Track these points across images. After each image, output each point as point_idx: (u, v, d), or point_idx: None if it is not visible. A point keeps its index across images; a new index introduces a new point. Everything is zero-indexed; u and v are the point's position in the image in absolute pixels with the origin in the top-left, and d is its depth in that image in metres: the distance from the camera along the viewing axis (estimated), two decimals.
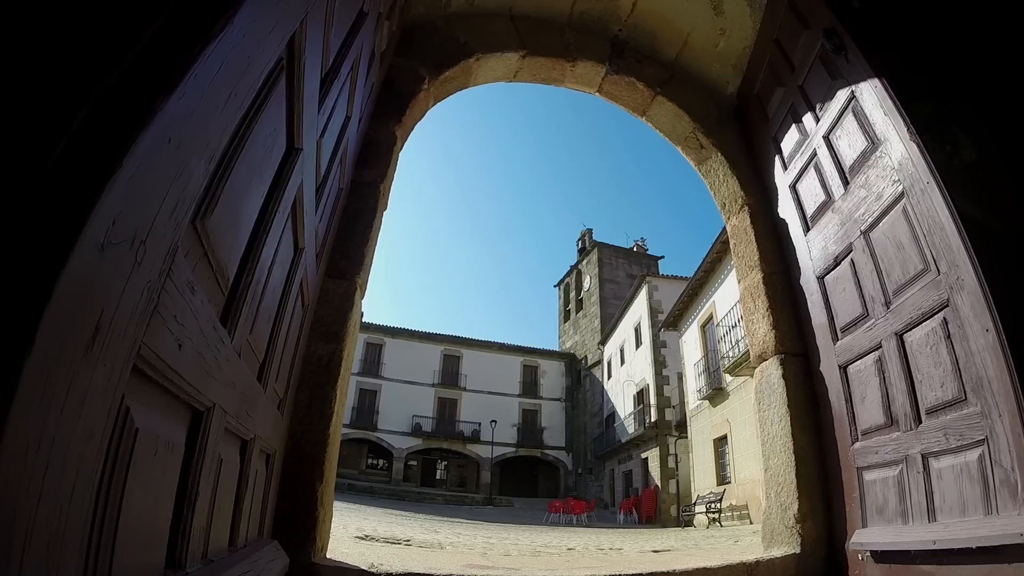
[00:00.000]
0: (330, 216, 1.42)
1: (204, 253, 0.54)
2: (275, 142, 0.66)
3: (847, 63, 1.86)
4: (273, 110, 0.62)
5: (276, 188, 0.73)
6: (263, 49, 0.53)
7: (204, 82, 0.41)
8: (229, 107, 0.48)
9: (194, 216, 0.49)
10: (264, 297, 0.78)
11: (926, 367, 1.63)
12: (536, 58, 2.80)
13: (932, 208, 1.52)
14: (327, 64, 0.87)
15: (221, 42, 0.42)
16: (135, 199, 0.37)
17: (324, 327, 1.59)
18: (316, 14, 0.67)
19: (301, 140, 0.76)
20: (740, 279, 2.55)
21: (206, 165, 0.48)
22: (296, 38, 0.63)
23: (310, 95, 0.75)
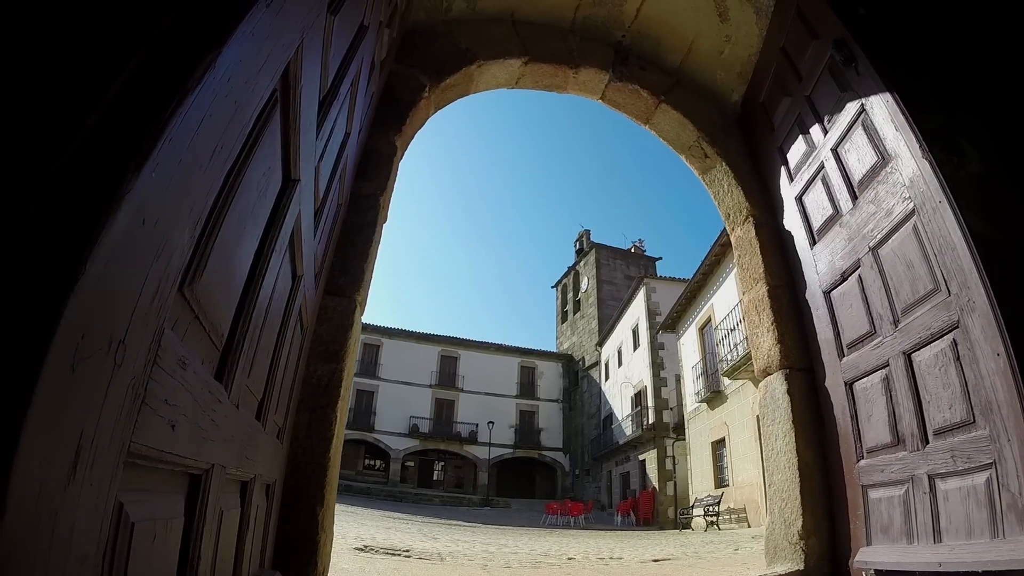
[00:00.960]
0: (329, 233, 1.38)
1: (195, 317, 0.50)
2: (270, 179, 0.63)
3: (857, 75, 1.84)
4: (267, 147, 0.58)
5: (272, 225, 0.69)
6: (253, 88, 0.49)
7: (182, 144, 0.37)
8: (215, 161, 0.44)
9: (181, 284, 0.45)
10: (262, 334, 0.75)
11: (934, 388, 1.61)
12: (538, 65, 2.76)
13: (944, 228, 1.50)
14: (326, 86, 0.83)
15: (201, 92, 0.37)
16: (106, 302, 0.32)
17: (323, 346, 1.55)
18: (313, 38, 0.63)
19: (298, 171, 0.72)
20: (744, 291, 2.53)
21: (191, 231, 0.43)
22: (291, 67, 0.59)
23: (307, 123, 0.72)
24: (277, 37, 0.51)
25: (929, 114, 1.69)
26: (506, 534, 7.92)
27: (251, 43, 0.44)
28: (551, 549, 4.82)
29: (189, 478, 0.57)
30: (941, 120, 1.70)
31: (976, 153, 1.68)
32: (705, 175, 2.82)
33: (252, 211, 0.58)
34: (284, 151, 0.65)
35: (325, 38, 0.71)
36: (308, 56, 0.63)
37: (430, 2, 2.53)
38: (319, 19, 0.64)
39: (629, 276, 25.98)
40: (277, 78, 0.54)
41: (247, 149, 0.52)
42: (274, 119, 0.58)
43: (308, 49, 0.62)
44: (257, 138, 0.54)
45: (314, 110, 0.74)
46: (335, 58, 0.83)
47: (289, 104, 0.61)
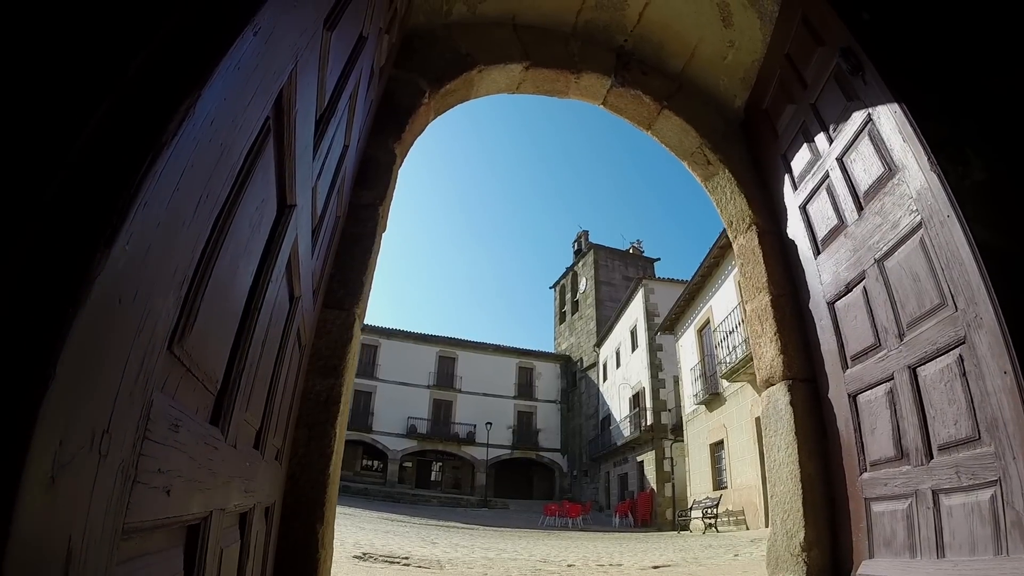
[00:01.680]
0: (327, 246, 1.35)
1: (187, 370, 0.47)
2: (264, 211, 0.59)
3: (864, 84, 1.82)
4: (259, 180, 0.55)
5: (268, 254, 0.66)
6: (242, 125, 0.45)
7: (160, 205, 0.33)
8: (201, 212, 0.41)
9: (170, 344, 0.42)
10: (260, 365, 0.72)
11: (939, 403, 1.60)
12: (540, 70, 2.74)
13: (952, 242, 1.49)
14: (323, 104, 0.80)
15: (180, 143, 0.33)
16: (84, 398, 0.29)
17: (322, 361, 1.52)
18: (308, 59, 0.60)
19: (294, 196, 0.69)
20: (747, 300, 2.51)
21: (177, 292, 0.40)
22: (284, 93, 0.56)
23: (303, 146, 0.68)
24: (268, 66, 0.48)
25: (935, 123, 1.68)
26: (504, 537, 7.90)
27: (237, 77, 0.40)
28: (550, 554, 4.80)
29: (187, 529, 0.54)
30: (947, 129, 1.69)
31: (980, 161, 1.67)
32: (707, 182, 2.80)
33: (245, 248, 0.55)
34: (279, 178, 0.62)
35: (322, 56, 0.68)
36: (303, 78, 0.60)
37: (430, 6, 2.50)
38: (315, 38, 0.62)
39: (627, 277, 26.00)
40: (269, 107, 0.51)
41: (237, 188, 0.49)
42: (267, 149, 0.55)
43: (303, 71, 0.59)
44: (248, 173, 0.51)
45: (310, 131, 0.71)
46: (332, 74, 0.80)
47: (283, 130, 0.58)
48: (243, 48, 0.39)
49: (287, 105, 0.56)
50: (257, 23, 0.40)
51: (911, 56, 1.81)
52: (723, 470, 11.08)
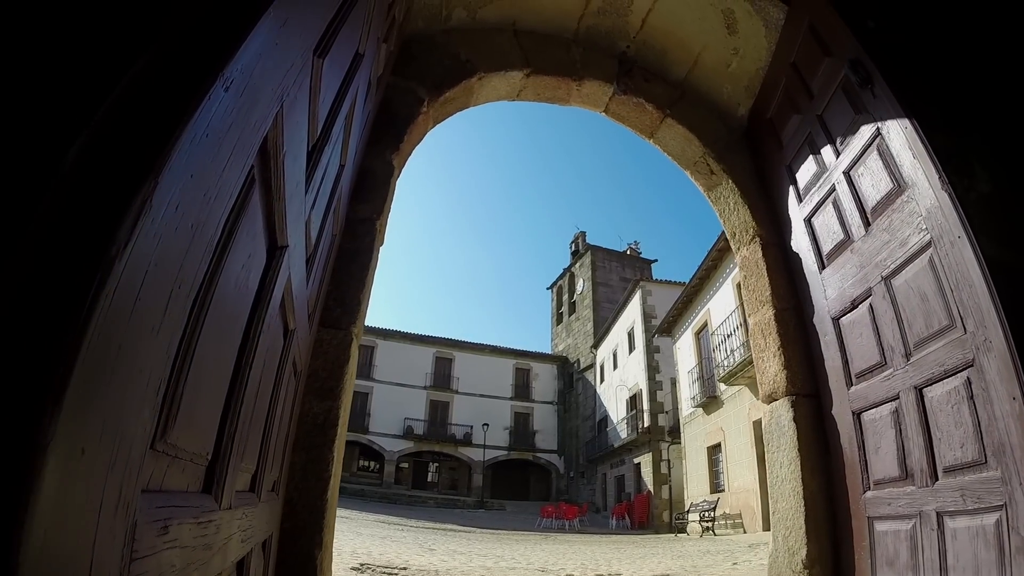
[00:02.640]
0: (323, 266, 1.31)
1: (174, 458, 0.43)
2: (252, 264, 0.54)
3: (873, 97, 1.78)
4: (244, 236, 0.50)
5: (259, 303, 0.61)
6: (219, 192, 0.40)
7: (118, 324, 0.28)
8: (173, 309, 0.36)
9: (152, 442, 0.38)
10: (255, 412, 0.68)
11: (946, 425, 1.58)
12: (541, 77, 2.69)
13: (962, 263, 1.46)
14: (315, 133, 0.75)
15: (137, 245, 0.28)
16: (56, 563, 0.25)
17: (319, 383, 1.48)
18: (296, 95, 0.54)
19: (285, 237, 0.65)
20: (750, 313, 2.48)
21: (154, 401, 0.36)
22: (270, 138, 0.51)
23: (294, 184, 0.63)
24: (247, 119, 0.42)
25: (942, 135, 1.65)
26: (502, 541, 7.87)
27: (207, 145, 0.35)
28: (548, 561, 4.78)
29: None
30: (954, 141, 1.66)
31: (986, 173, 1.65)
32: (711, 192, 2.77)
33: (231, 313, 0.50)
34: (268, 223, 0.57)
35: (313, 85, 0.64)
36: (291, 117, 0.54)
37: (429, 11, 2.45)
38: (304, 70, 0.57)
39: (625, 278, 26.03)
40: (253, 156, 0.46)
41: (216, 258, 0.44)
42: (252, 200, 0.50)
43: (291, 110, 0.54)
44: (230, 234, 0.46)
45: (302, 166, 0.66)
46: (326, 101, 0.75)
47: (270, 176, 0.54)
48: (212, 108, 0.34)
49: (274, 150, 0.52)
50: (228, 75, 0.35)
51: (920, 67, 1.78)
52: (720, 473, 11.10)
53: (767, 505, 9.44)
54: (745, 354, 9.18)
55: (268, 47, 0.41)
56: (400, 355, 22.97)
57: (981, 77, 1.83)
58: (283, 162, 0.54)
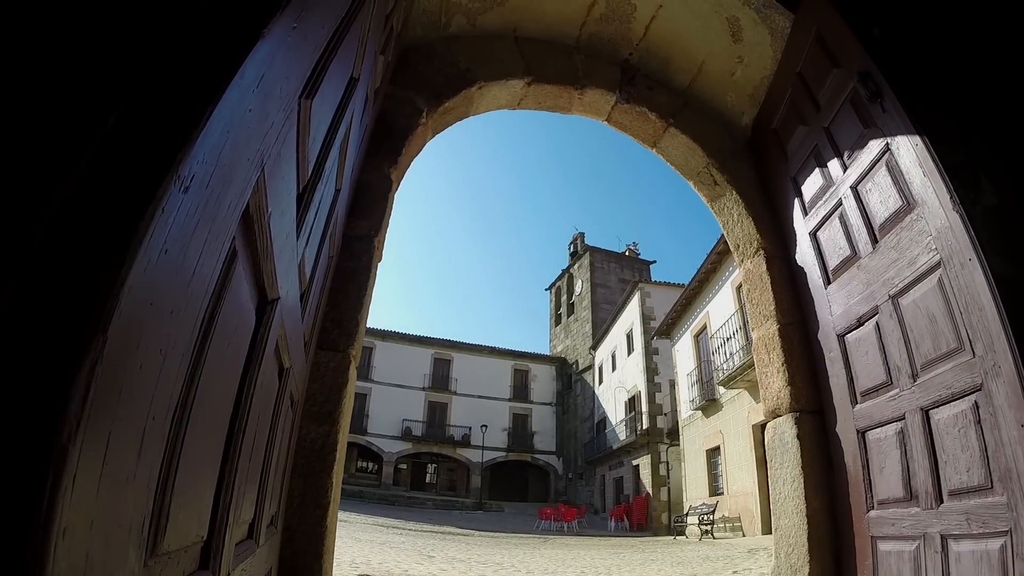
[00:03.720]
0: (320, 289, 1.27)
1: (167, 555, 0.39)
2: (242, 327, 0.50)
3: (883, 112, 1.75)
4: (230, 306, 0.47)
5: (252, 361, 0.58)
6: (193, 288, 0.37)
7: (89, 478, 0.24)
8: (156, 424, 0.33)
9: (145, 560, 0.34)
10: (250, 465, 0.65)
11: (952, 448, 1.56)
12: (542, 85, 2.65)
13: (972, 286, 1.44)
14: (306, 175, 0.71)
15: (101, 379, 0.25)
16: None
17: (317, 407, 1.44)
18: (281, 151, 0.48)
19: (276, 290, 0.61)
20: (754, 327, 2.46)
21: (147, 498, 0.33)
22: (252, 205, 0.47)
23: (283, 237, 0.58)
24: (219, 201, 0.38)
25: (949, 147, 1.63)
26: (500, 546, 7.85)
27: (170, 257, 0.31)
28: (547, 569, 4.75)
29: None
30: (962, 154, 1.64)
31: (992, 185, 1.62)
32: (714, 203, 2.74)
33: (222, 381, 0.46)
34: (256, 282, 0.53)
35: (301, 128, 0.58)
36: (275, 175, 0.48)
37: (428, 19, 2.41)
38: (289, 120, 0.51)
39: (623, 279, 26.03)
40: (233, 230, 0.43)
41: (201, 340, 0.41)
42: (236, 271, 0.47)
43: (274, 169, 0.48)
44: (213, 314, 0.43)
45: (291, 215, 0.61)
46: (317, 139, 0.70)
47: (255, 239, 0.50)
48: (170, 220, 0.29)
49: (257, 214, 0.48)
50: (187, 174, 0.30)
51: (927, 77, 1.75)
52: (719, 476, 11.10)
53: (766, 508, 9.46)
54: (744, 358, 9.17)
55: (240, 117, 0.37)
56: (398, 356, 22.92)
57: (984, 82, 1.80)
58: (268, 223, 0.50)
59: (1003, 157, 1.67)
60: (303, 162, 0.62)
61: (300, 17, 0.43)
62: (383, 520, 11.37)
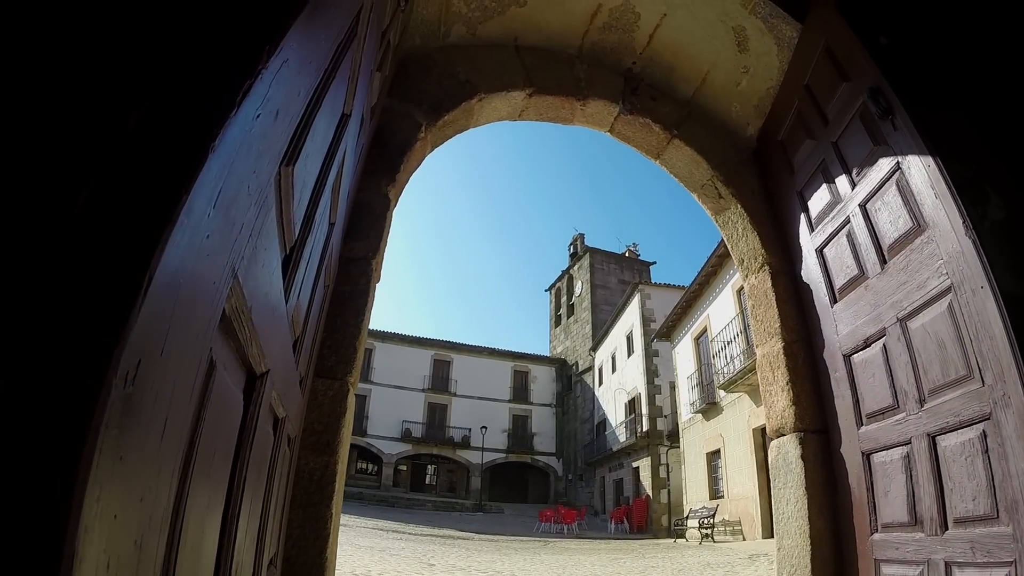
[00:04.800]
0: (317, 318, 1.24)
1: None
2: (230, 412, 0.48)
3: (894, 130, 1.70)
4: (215, 406, 0.44)
5: (243, 444, 0.54)
6: (175, 405, 0.34)
7: None
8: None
9: None
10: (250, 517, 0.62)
11: (958, 476, 1.54)
12: (544, 96, 2.61)
13: (983, 314, 1.41)
14: (292, 238, 0.66)
15: None
16: None
17: (315, 436, 1.41)
18: (258, 241, 0.47)
19: (264, 365, 0.58)
20: (758, 344, 2.42)
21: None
22: (228, 310, 0.43)
23: (269, 319, 0.55)
24: (183, 355, 0.34)
25: (961, 164, 1.59)
26: (501, 550, 7.83)
27: (131, 459, 0.28)
28: None
29: None
30: (971, 169, 1.60)
31: (999, 198, 1.59)
32: (718, 216, 2.71)
33: (212, 474, 0.44)
34: (243, 363, 0.50)
35: (283, 196, 0.53)
36: (253, 269, 0.47)
37: (426, 28, 2.37)
38: (268, 196, 0.47)
39: (623, 281, 26.00)
40: (209, 345, 0.39)
41: (188, 447, 0.38)
42: (217, 378, 0.44)
43: (251, 264, 0.45)
44: (198, 421, 0.40)
45: (278, 289, 0.58)
46: (303, 199, 0.64)
47: (237, 335, 0.47)
48: (110, 417, 0.25)
49: (236, 315, 0.45)
50: (126, 369, 0.26)
51: (938, 89, 1.71)
52: (720, 479, 11.09)
53: (767, 512, 9.45)
54: (745, 362, 9.15)
55: (198, 244, 0.32)
56: (398, 357, 22.90)
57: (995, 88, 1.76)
58: (250, 317, 0.46)
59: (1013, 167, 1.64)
60: (288, 227, 0.58)
61: (267, 99, 0.39)
62: (383, 523, 11.35)
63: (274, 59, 0.40)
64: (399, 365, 22.74)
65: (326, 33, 0.57)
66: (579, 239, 30.42)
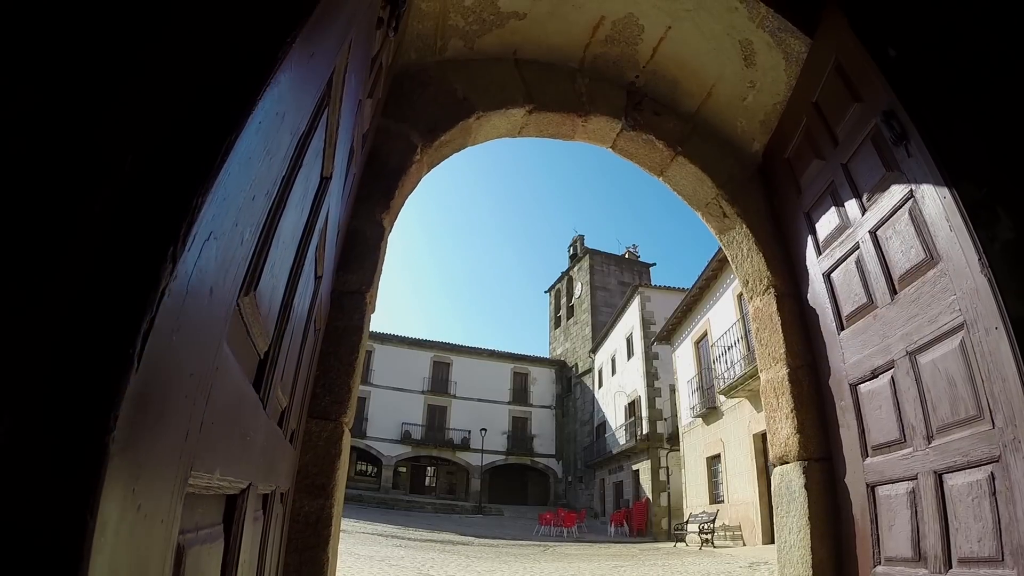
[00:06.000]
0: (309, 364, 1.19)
1: None
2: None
3: (907, 156, 1.63)
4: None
5: (229, 551, 0.50)
6: None
7: None
8: None
9: None
10: None
11: (964, 516, 1.50)
12: (544, 114, 2.54)
13: (997, 355, 1.36)
14: (266, 345, 0.60)
15: None
16: None
17: (310, 479, 1.35)
18: (215, 403, 0.42)
19: (248, 480, 0.53)
20: (762, 369, 2.37)
21: None
22: (195, 487, 0.40)
23: (240, 438, 0.49)
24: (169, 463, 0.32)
25: (969, 183, 1.54)
26: (501, 556, 7.80)
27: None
28: None
29: None
30: (984, 190, 1.55)
31: (1010, 219, 1.54)
32: (723, 235, 2.65)
33: None
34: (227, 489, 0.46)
35: (247, 322, 0.48)
36: (215, 430, 0.40)
37: (422, 42, 2.30)
38: (217, 357, 0.40)
39: (623, 282, 25.95)
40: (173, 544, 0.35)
41: None
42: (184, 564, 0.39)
43: (212, 428, 0.40)
44: None
45: (253, 399, 0.53)
46: (272, 312, 0.58)
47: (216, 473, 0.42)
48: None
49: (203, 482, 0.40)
50: None
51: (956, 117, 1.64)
52: (720, 484, 11.06)
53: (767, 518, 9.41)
54: (746, 367, 9.11)
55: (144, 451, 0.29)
56: (398, 359, 22.86)
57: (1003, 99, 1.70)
58: (224, 464, 0.41)
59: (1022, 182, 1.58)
60: (260, 340, 0.52)
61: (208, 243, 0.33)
62: (382, 528, 11.33)
63: (230, 159, 0.35)
64: (398, 367, 22.69)
65: (302, 103, 0.51)
66: (579, 240, 30.34)
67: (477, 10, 2.28)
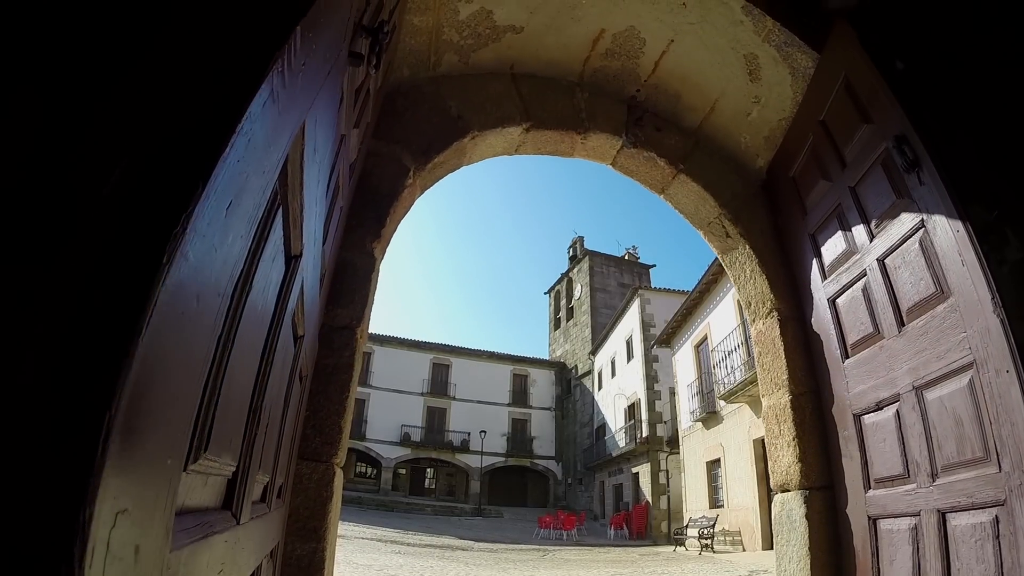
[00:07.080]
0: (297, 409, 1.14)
1: None
2: None
3: (919, 184, 1.56)
4: None
5: None
6: None
7: None
8: None
9: None
10: None
11: (966, 558, 1.46)
12: (542, 131, 2.45)
13: (1006, 398, 1.31)
14: (242, 423, 0.58)
15: None
16: None
17: (301, 523, 1.30)
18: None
19: None
20: (764, 395, 2.32)
21: None
22: None
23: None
24: None
25: (979, 206, 1.48)
26: (500, 561, 7.77)
27: None
28: None
29: None
30: (995, 215, 1.50)
31: (1019, 240, 1.49)
32: (725, 255, 2.59)
33: None
34: None
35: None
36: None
37: (415, 58, 2.22)
38: None
39: (623, 284, 25.88)
40: None
41: None
42: None
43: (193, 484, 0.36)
44: None
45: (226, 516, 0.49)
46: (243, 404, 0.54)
47: None
48: None
49: None
50: None
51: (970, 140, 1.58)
52: (719, 488, 11.02)
53: (767, 524, 9.38)
54: (746, 373, 9.06)
55: None
56: (397, 361, 22.81)
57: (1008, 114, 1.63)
58: None
59: None
60: (225, 467, 0.47)
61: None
62: (381, 532, 11.30)
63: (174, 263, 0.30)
64: (398, 369, 22.64)
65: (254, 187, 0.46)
66: (578, 242, 30.25)
67: (472, 24, 2.21)
